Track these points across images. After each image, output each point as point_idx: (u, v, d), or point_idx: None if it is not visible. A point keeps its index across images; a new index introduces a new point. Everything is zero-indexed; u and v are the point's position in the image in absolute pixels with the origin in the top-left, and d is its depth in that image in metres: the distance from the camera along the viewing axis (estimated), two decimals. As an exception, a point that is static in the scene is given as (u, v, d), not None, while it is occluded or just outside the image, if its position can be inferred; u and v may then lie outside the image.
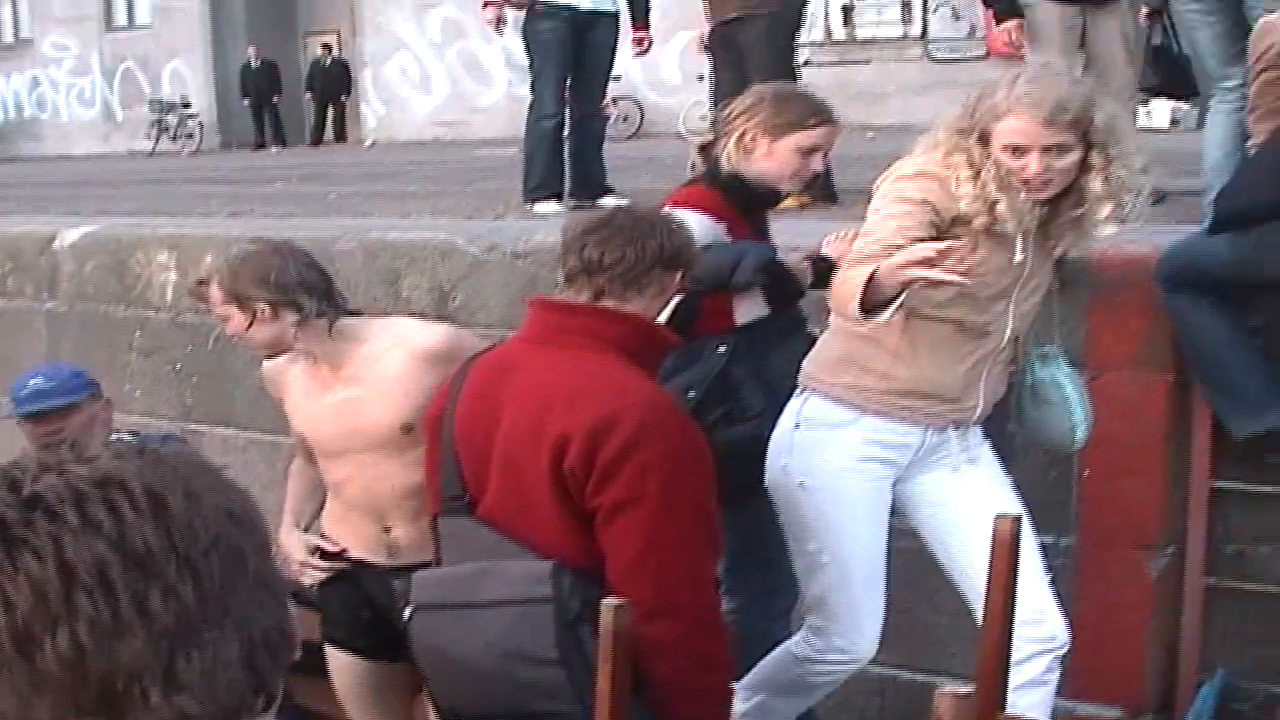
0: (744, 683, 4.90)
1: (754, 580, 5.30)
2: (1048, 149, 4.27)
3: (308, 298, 4.61)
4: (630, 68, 9.96)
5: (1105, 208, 4.37)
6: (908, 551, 5.00)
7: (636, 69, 8.26)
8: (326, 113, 32.00)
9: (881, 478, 4.65)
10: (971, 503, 4.63)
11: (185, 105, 32.88)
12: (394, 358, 4.63)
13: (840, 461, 4.60)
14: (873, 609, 4.73)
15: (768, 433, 4.80)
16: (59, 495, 1.29)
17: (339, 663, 4.96)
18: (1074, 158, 4.32)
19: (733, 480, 4.53)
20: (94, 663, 1.26)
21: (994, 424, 4.87)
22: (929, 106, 4.61)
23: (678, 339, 4.36)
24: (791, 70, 8.66)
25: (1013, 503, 4.65)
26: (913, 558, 5.00)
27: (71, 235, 9.69)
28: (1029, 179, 4.29)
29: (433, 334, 4.77)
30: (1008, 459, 4.94)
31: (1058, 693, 4.75)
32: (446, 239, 7.52)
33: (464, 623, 3.94)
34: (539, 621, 3.77)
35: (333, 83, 31.92)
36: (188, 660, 1.31)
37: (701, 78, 23.46)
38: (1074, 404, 4.81)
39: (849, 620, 4.72)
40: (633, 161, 9.50)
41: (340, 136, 31.84)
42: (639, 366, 3.97)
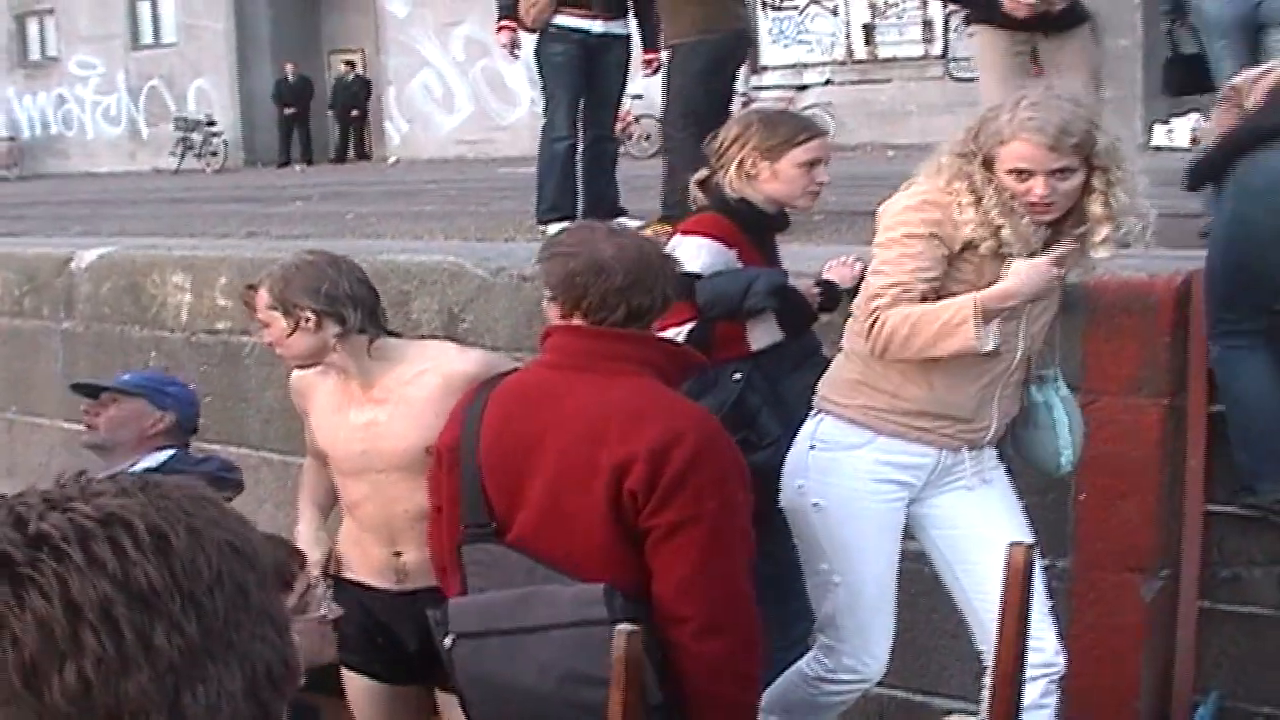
0: None
1: (769, 607, 5.27)
2: (1052, 173, 4.31)
3: (353, 312, 4.64)
4: (651, 87, 9.92)
5: (1104, 230, 4.40)
6: (905, 572, 5.02)
7: (657, 88, 8.25)
8: (349, 130, 32.09)
9: (895, 499, 4.67)
10: (982, 528, 4.65)
11: (210, 123, 32.92)
12: (426, 380, 4.64)
13: (854, 482, 4.62)
14: (883, 629, 4.77)
15: (783, 459, 4.82)
16: (64, 534, 1.30)
17: (355, 686, 4.96)
18: (1077, 180, 4.36)
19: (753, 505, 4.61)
20: (100, 698, 1.28)
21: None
22: (950, 125, 4.62)
23: (703, 359, 4.43)
24: (711, 100, 8.68)
25: (1023, 528, 4.68)
26: (910, 578, 5.04)
27: (88, 256, 9.78)
28: (1034, 202, 4.33)
29: (468, 360, 4.77)
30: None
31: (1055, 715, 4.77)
32: (455, 261, 7.58)
33: (512, 649, 3.95)
34: (596, 643, 3.71)
35: (354, 100, 32.05)
36: (192, 695, 1.32)
37: (722, 96, 23.70)
38: (1062, 428, 4.81)
39: (859, 640, 4.74)
40: (651, 181, 9.49)
41: (362, 154, 31.91)
42: (670, 388, 4.05)
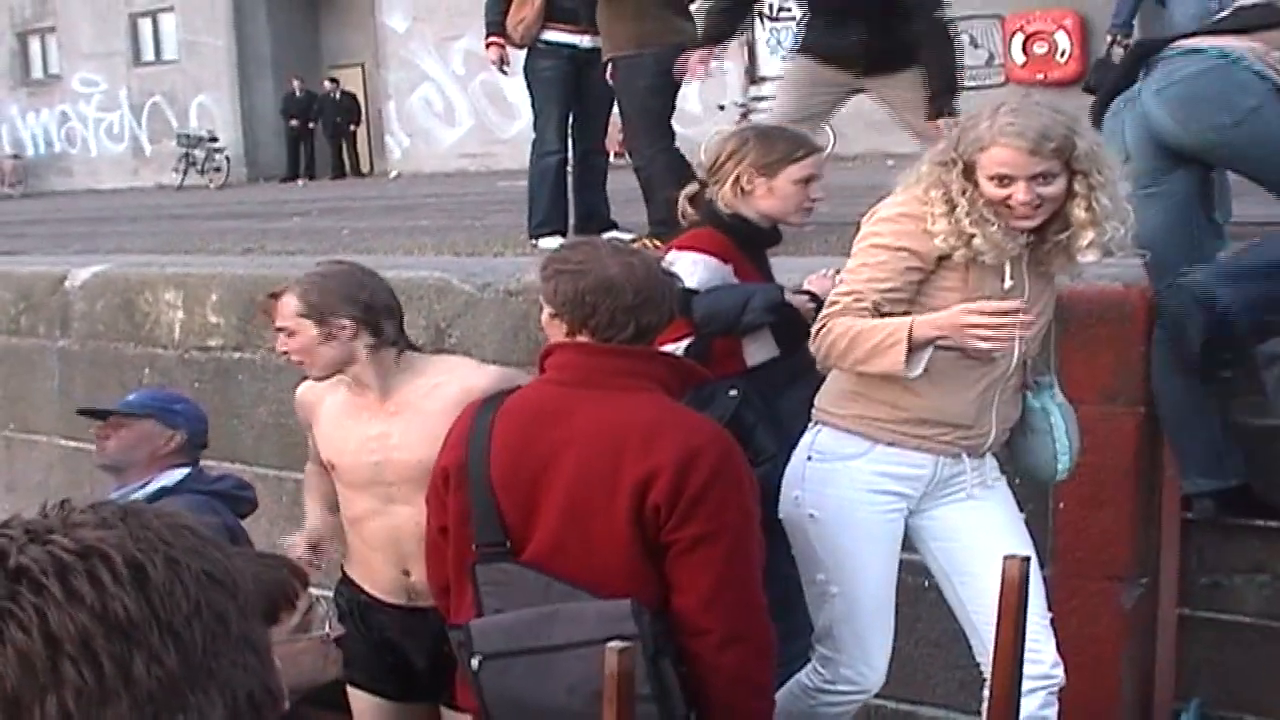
0: None
1: (772, 620, 5.30)
2: (1033, 177, 4.34)
3: (390, 323, 4.68)
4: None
5: (1088, 234, 4.40)
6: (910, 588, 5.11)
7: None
8: (341, 144, 32.15)
9: (893, 510, 4.67)
10: (982, 539, 4.64)
11: (212, 139, 32.98)
12: (443, 394, 4.63)
13: (851, 493, 4.62)
14: (881, 640, 4.76)
15: (779, 475, 4.81)
16: (42, 568, 1.32)
17: (361, 704, 4.93)
18: (1060, 185, 4.37)
19: None
20: None
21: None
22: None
23: (708, 373, 4.47)
24: (668, 110, 8.75)
25: (1023, 539, 4.69)
26: (896, 588, 5.07)
27: (82, 275, 9.83)
28: (1016, 207, 4.35)
29: (485, 374, 4.77)
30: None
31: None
32: (442, 276, 7.62)
33: (540, 668, 3.95)
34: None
35: (343, 115, 32.08)
36: None
37: (722, 107, 23.74)
38: (1060, 433, 4.81)
39: (856, 651, 4.74)
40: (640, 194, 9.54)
41: (356, 169, 31.99)
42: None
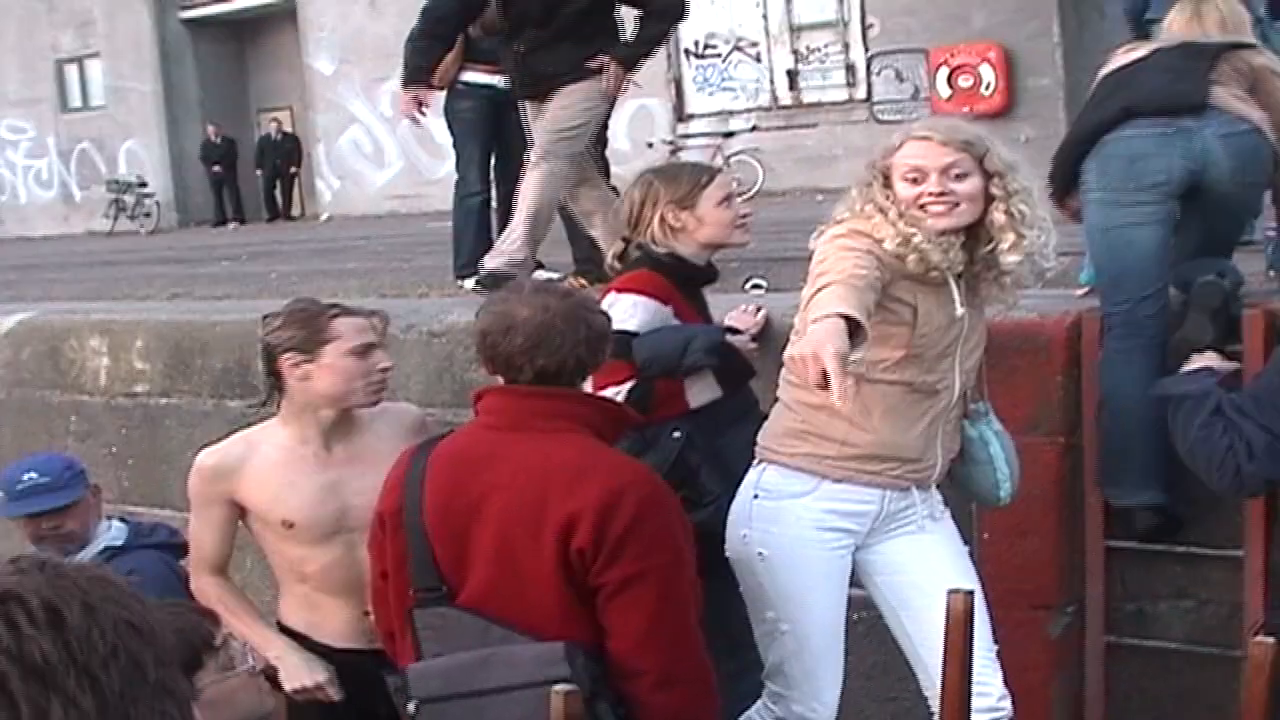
0: None
1: (719, 661, 5.24)
2: (944, 171, 4.39)
3: None
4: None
5: (1009, 238, 4.44)
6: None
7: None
8: (275, 187, 31.98)
9: (840, 547, 4.67)
10: (927, 573, 4.65)
11: (142, 185, 32.75)
12: (384, 433, 4.71)
13: (799, 530, 4.62)
14: (831, 676, 4.75)
15: (724, 516, 4.82)
16: None
17: None
18: (974, 183, 4.43)
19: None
20: None
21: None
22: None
23: (638, 416, 4.49)
24: (601, 145, 8.78)
25: (968, 572, 4.72)
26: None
27: (7, 323, 9.78)
28: (929, 202, 4.40)
29: (410, 408, 4.99)
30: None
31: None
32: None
33: (476, 712, 3.96)
34: None
35: (286, 156, 31.93)
36: None
37: (651, 145, 23.83)
38: (1000, 462, 4.86)
39: (807, 687, 4.74)
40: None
41: (288, 211, 31.87)
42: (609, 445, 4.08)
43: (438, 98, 9.33)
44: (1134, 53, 6.05)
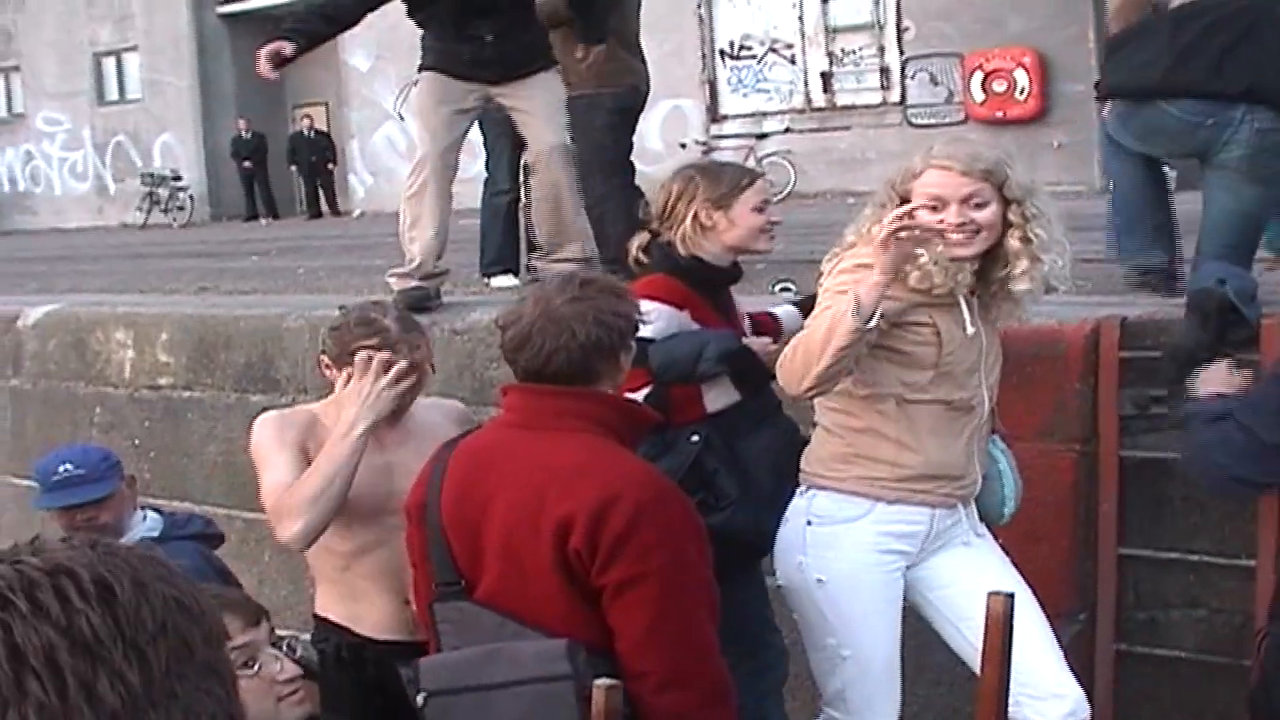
0: None
1: (742, 659, 5.22)
2: (965, 200, 4.39)
3: None
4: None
5: (1023, 264, 4.45)
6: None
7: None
8: (316, 184, 31.97)
9: (897, 569, 4.67)
10: (979, 582, 4.58)
11: (176, 178, 32.92)
12: (437, 419, 4.72)
13: (857, 554, 4.61)
14: (891, 700, 4.75)
15: (741, 519, 4.84)
16: (10, 584, 1.33)
17: None
18: (994, 210, 4.42)
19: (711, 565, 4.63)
20: None
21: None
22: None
23: (658, 416, 4.45)
24: (623, 149, 8.85)
25: (1014, 578, 4.72)
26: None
27: (34, 314, 9.84)
28: (950, 230, 4.40)
29: (457, 404, 4.99)
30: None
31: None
32: (388, 316, 7.61)
33: (480, 706, 3.97)
34: (559, 699, 3.81)
35: (318, 153, 31.92)
36: None
37: (684, 145, 23.82)
38: (1006, 478, 4.90)
39: (868, 713, 4.73)
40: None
41: (333, 207, 31.88)
42: (625, 445, 4.05)
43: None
44: None
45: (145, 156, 34.68)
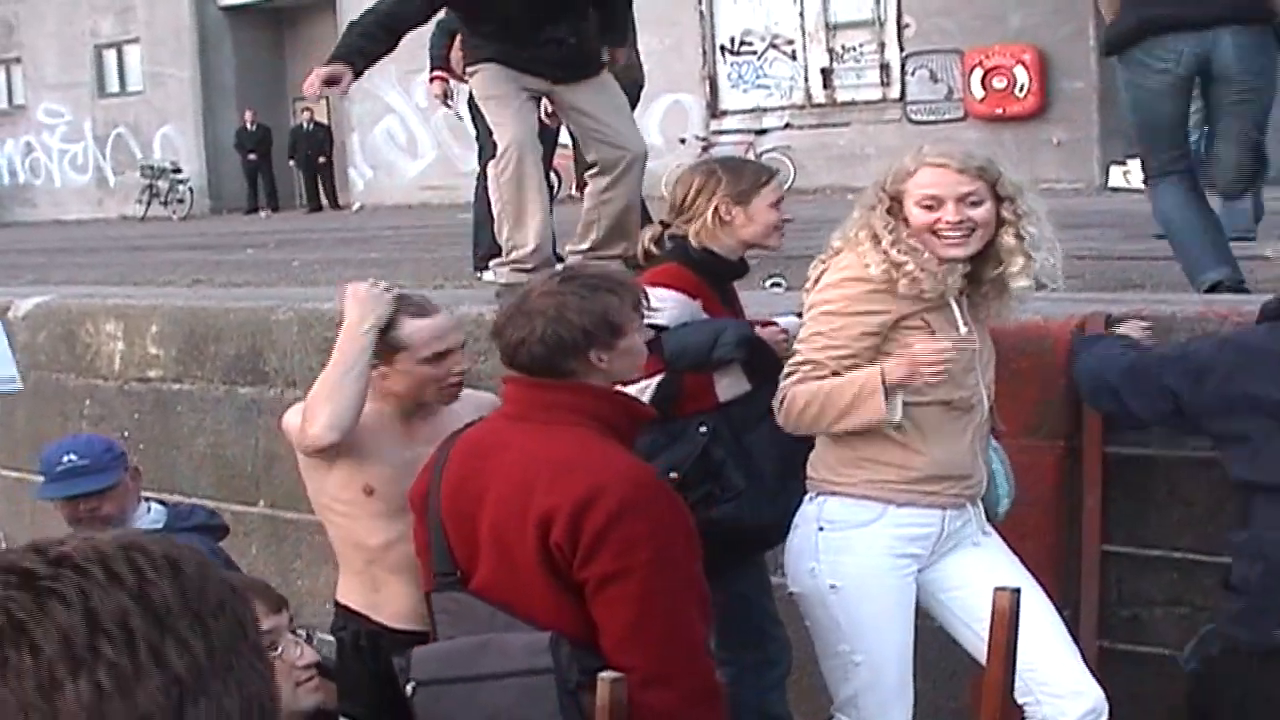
0: None
1: (747, 652, 5.32)
2: (961, 199, 4.40)
3: None
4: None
5: (1019, 261, 4.48)
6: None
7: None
8: (316, 177, 31.98)
9: (910, 573, 4.67)
10: (989, 581, 4.49)
11: (176, 170, 32.98)
12: (466, 415, 4.66)
13: (870, 559, 4.61)
14: (904, 704, 4.74)
15: (748, 511, 4.85)
16: (85, 555, 1.38)
17: None
18: (988, 210, 4.45)
19: (714, 557, 4.63)
20: (111, 707, 1.34)
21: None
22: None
23: (653, 411, 4.46)
24: None
25: (1025, 576, 4.70)
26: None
27: (25, 305, 9.83)
28: (945, 231, 4.42)
29: (489, 395, 4.87)
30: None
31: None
32: (377, 309, 7.60)
33: (467, 697, 3.99)
34: (541, 692, 3.83)
35: (318, 147, 31.92)
36: (195, 709, 1.39)
37: (683, 141, 23.84)
38: (1000, 477, 4.90)
39: (880, 718, 4.72)
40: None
41: (333, 201, 31.88)
42: (617, 440, 4.05)
43: (462, 89, 9.33)
44: None
45: (146, 149, 34.74)
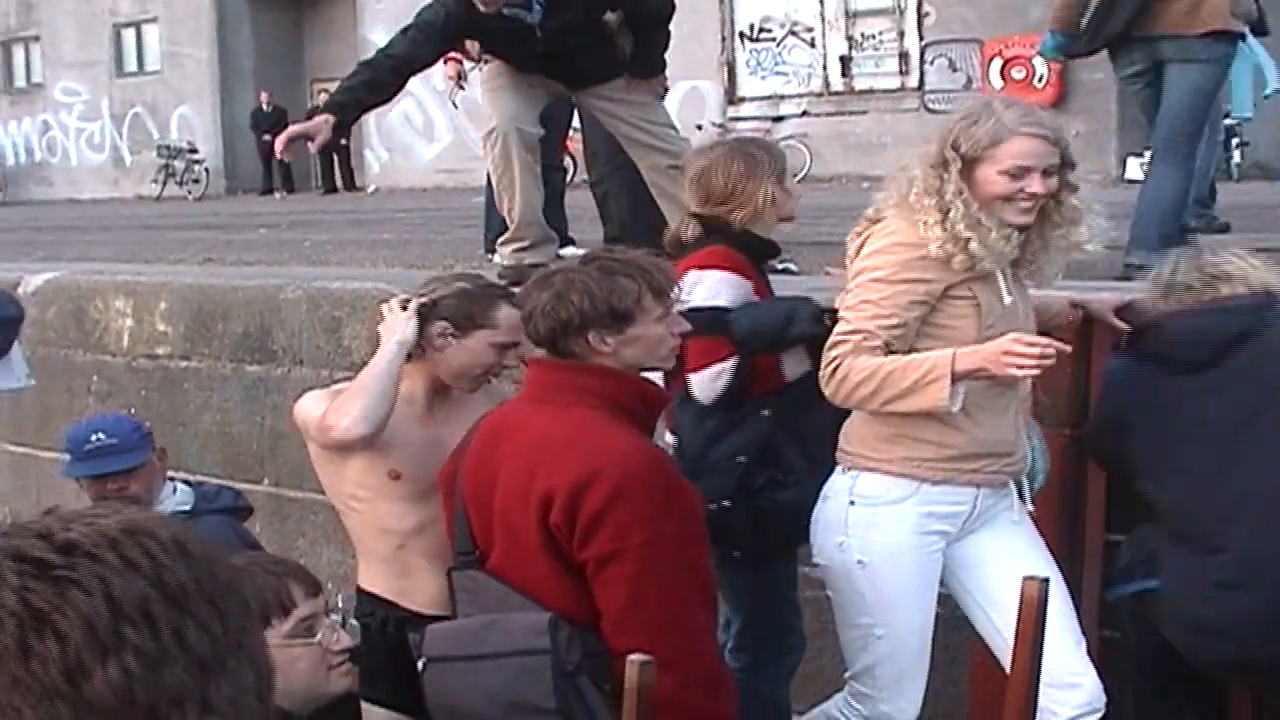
0: None
1: (769, 641, 5.32)
2: (1046, 170, 4.39)
3: None
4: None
5: (1082, 229, 4.53)
6: (814, 600, 5.15)
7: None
8: (332, 159, 31.94)
9: (937, 550, 4.65)
10: (1009, 565, 4.56)
11: (192, 150, 33.08)
12: (484, 400, 4.68)
13: (900, 536, 4.58)
14: (919, 676, 4.74)
15: (807, 496, 4.79)
16: (94, 541, 1.39)
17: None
18: (1057, 178, 4.44)
19: (774, 542, 4.57)
20: (141, 690, 1.37)
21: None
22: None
23: (669, 396, 4.47)
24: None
25: (1048, 562, 4.69)
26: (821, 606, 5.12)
27: (35, 281, 9.82)
28: (1024, 201, 4.38)
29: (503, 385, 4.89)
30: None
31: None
32: (384, 289, 7.59)
33: (470, 675, 4.01)
34: (537, 672, 3.83)
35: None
36: (218, 688, 1.42)
37: (700, 127, 23.79)
38: (1037, 453, 4.87)
39: (895, 688, 4.71)
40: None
41: (349, 182, 31.91)
42: (632, 423, 4.03)
43: (475, 75, 9.30)
44: None
45: (163, 128, 34.80)
